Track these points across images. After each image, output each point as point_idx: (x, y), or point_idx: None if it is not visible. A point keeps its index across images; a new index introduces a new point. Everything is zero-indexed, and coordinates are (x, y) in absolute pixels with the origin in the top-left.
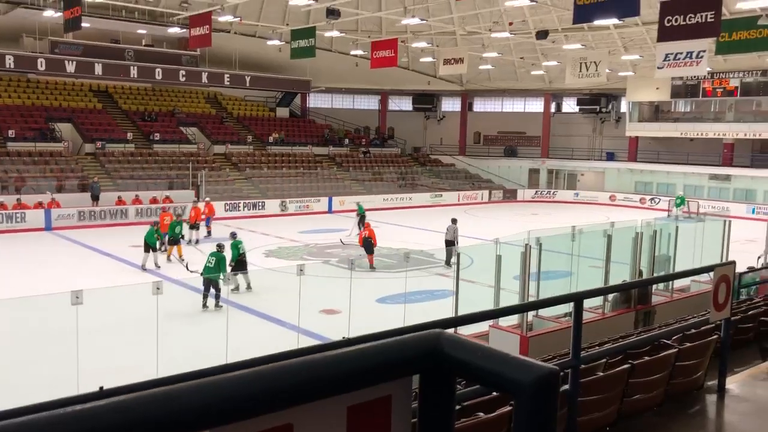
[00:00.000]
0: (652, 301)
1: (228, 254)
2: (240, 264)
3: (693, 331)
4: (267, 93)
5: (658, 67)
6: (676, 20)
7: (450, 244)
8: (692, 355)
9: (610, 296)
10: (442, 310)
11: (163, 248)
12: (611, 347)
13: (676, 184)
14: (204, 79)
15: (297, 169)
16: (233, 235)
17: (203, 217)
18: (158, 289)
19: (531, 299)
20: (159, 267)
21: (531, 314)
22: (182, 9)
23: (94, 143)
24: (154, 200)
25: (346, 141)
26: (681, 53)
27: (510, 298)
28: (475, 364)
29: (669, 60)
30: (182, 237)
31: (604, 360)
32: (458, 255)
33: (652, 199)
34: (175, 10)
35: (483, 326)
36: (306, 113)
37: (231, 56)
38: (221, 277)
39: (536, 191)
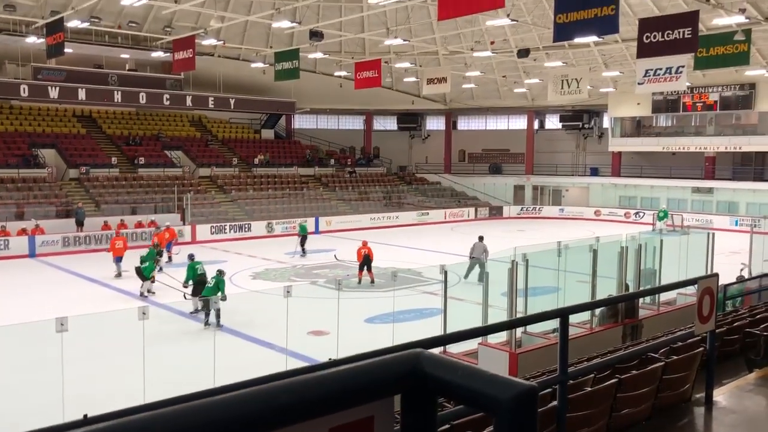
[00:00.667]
0: (639, 315)
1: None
2: (199, 285)
3: (679, 344)
4: (252, 115)
5: (639, 83)
6: (654, 37)
7: (476, 259)
8: (679, 368)
9: (598, 311)
10: (431, 328)
11: (158, 268)
12: (599, 362)
13: (660, 198)
14: (188, 102)
15: (283, 191)
16: (191, 257)
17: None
18: (144, 314)
19: (519, 315)
20: (154, 293)
21: (519, 331)
22: (165, 33)
23: (78, 168)
24: (139, 224)
25: (332, 161)
26: (660, 69)
27: (498, 315)
28: (455, 383)
29: (649, 76)
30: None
31: (593, 375)
32: (446, 273)
33: (636, 213)
34: (158, 34)
35: (472, 344)
36: (291, 134)
37: (215, 79)
38: (220, 297)
39: (522, 207)
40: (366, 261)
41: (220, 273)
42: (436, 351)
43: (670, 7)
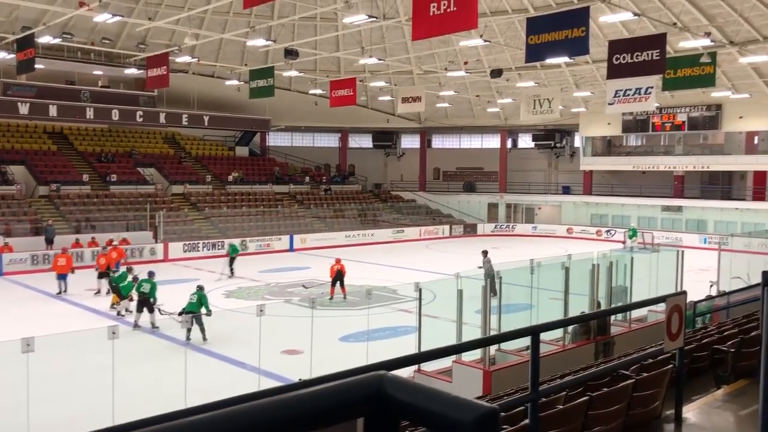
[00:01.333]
0: (610, 332)
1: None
2: (141, 303)
3: (650, 360)
4: (226, 132)
5: (609, 103)
6: (624, 58)
7: (492, 278)
8: (649, 385)
9: (570, 328)
10: (406, 346)
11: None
12: (571, 379)
13: (631, 216)
14: (162, 119)
15: (257, 208)
16: (151, 274)
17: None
18: (114, 333)
19: (493, 333)
20: (130, 312)
21: (493, 348)
22: (139, 50)
23: (48, 186)
24: (110, 242)
25: (307, 179)
26: (630, 90)
27: (473, 333)
28: (417, 406)
29: (619, 96)
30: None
31: (565, 392)
32: (420, 290)
33: (607, 231)
34: (131, 51)
35: (446, 362)
36: (266, 152)
37: (189, 96)
38: (203, 312)
39: (496, 225)
40: (338, 277)
41: (201, 288)
42: (410, 370)
43: (638, 30)
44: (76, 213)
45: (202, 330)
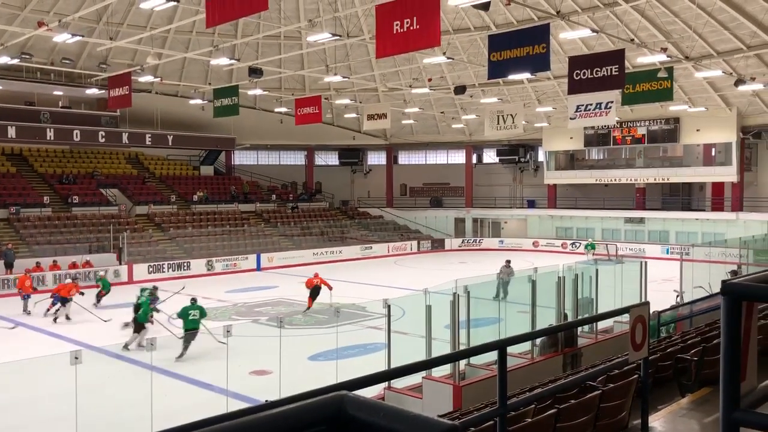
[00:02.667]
0: (578, 344)
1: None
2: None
3: (616, 371)
4: (190, 152)
5: (571, 118)
6: (584, 74)
7: (505, 283)
8: (615, 396)
9: (539, 340)
10: (376, 363)
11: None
12: (539, 392)
13: (595, 229)
14: (124, 139)
15: (223, 227)
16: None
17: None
18: (76, 358)
19: (462, 347)
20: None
21: (463, 363)
22: (100, 70)
23: (7, 208)
24: (73, 265)
25: (273, 197)
26: (591, 104)
27: (442, 348)
28: (378, 425)
29: (580, 111)
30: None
31: (533, 405)
32: (389, 307)
33: (572, 243)
34: (93, 71)
35: (417, 378)
36: (231, 171)
37: (152, 116)
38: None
39: (463, 240)
40: (315, 290)
41: (195, 300)
42: (380, 387)
43: (598, 46)
44: (36, 236)
45: (185, 348)
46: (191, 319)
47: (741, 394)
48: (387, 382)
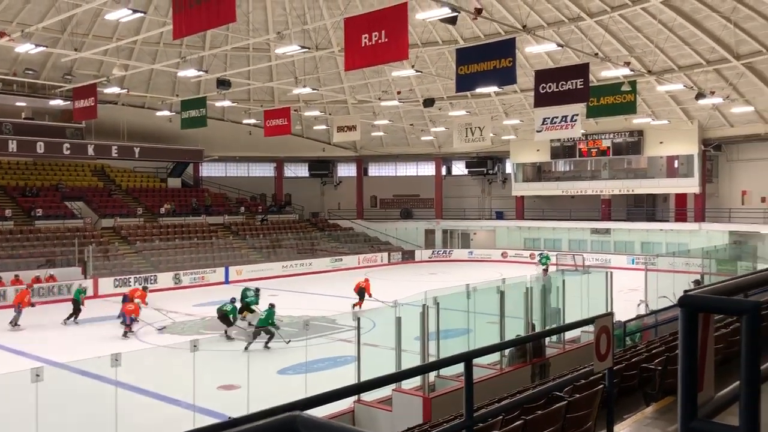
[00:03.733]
0: (546, 354)
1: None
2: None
3: (582, 381)
4: (158, 164)
5: (537, 131)
6: (550, 87)
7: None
8: (581, 406)
9: (507, 351)
10: (346, 376)
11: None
12: (507, 403)
13: (562, 239)
14: (90, 151)
15: (191, 240)
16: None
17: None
18: (38, 375)
19: (431, 359)
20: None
21: (433, 375)
22: (65, 81)
23: None
24: (36, 279)
25: (242, 209)
26: (557, 117)
27: (413, 360)
28: None
29: (546, 123)
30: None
31: (501, 417)
32: (358, 319)
33: (540, 254)
34: (57, 82)
35: (387, 391)
36: (199, 183)
37: (119, 127)
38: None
39: (433, 251)
40: (361, 292)
41: (272, 306)
42: (349, 401)
43: (563, 60)
44: None
45: (269, 339)
46: (260, 319)
47: (698, 404)
48: (357, 396)
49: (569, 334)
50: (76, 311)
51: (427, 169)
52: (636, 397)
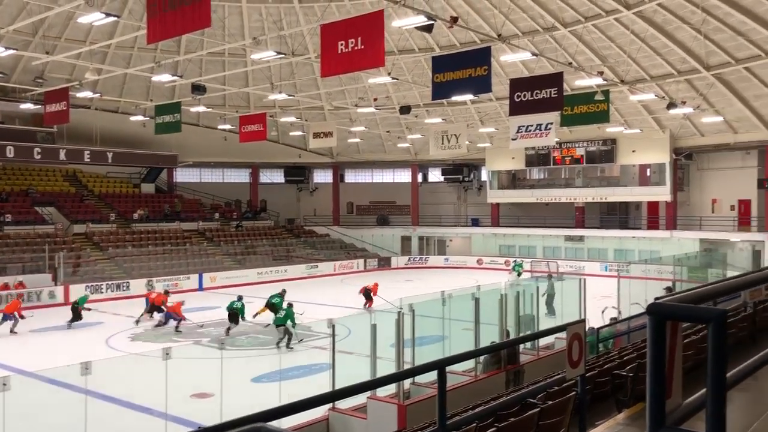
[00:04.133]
0: (520, 361)
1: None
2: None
3: (555, 388)
4: (131, 169)
5: (512, 139)
6: (524, 96)
7: (551, 298)
8: (554, 413)
9: (482, 358)
10: (320, 384)
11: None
12: (480, 410)
13: (536, 246)
14: (62, 156)
15: (164, 246)
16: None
17: None
18: (4, 384)
19: (407, 366)
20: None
21: (408, 382)
22: (36, 85)
23: None
24: (5, 286)
25: (216, 215)
26: (531, 125)
27: (388, 367)
28: None
29: (521, 132)
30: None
31: (474, 424)
32: (333, 326)
33: (514, 261)
34: (28, 85)
35: (362, 398)
36: (173, 188)
37: (92, 132)
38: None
39: (409, 258)
40: (366, 293)
41: (291, 305)
42: (323, 409)
43: (537, 69)
44: None
45: (289, 339)
46: (278, 317)
47: (667, 411)
48: (331, 404)
49: (543, 341)
50: (76, 317)
51: (404, 176)
52: (608, 404)
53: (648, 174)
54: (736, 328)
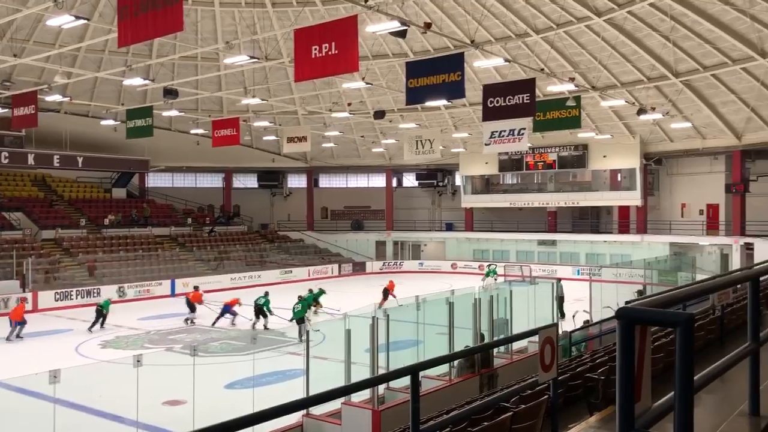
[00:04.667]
0: (494, 365)
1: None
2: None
3: (528, 392)
4: (102, 174)
5: (485, 144)
6: (497, 101)
7: (561, 300)
8: (527, 416)
9: (456, 362)
10: (295, 390)
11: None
12: (454, 415)
13: (510, 251)
14: (30, 160)
15: (136, 252)
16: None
17: None
18: None
19: (381, 371)
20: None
21: (382, 387)
22: (4, 88)
23: None
24: None
25: (189, 220)
26: (504, 131)
27: (362, 372)
28: None
29: (495, 137)
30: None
31: (448, 429)
32: (307, 332)
33: (489, 265)
34: None
35: (336, 404)
36: (145, 193)
37: (61, 136)
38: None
39: (384, 263)
40: (385, 292)
41: (300, 297)
42: (298, 414)
43: (510, 75)
44: None
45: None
46: (296, 311)
47: (636, 414)
48: (305, 409)
49: (517, 345)
50: (100, 318)
51: (378, 181)
52: (580, 407)
53: (619, 179)
54: (704, 331)
